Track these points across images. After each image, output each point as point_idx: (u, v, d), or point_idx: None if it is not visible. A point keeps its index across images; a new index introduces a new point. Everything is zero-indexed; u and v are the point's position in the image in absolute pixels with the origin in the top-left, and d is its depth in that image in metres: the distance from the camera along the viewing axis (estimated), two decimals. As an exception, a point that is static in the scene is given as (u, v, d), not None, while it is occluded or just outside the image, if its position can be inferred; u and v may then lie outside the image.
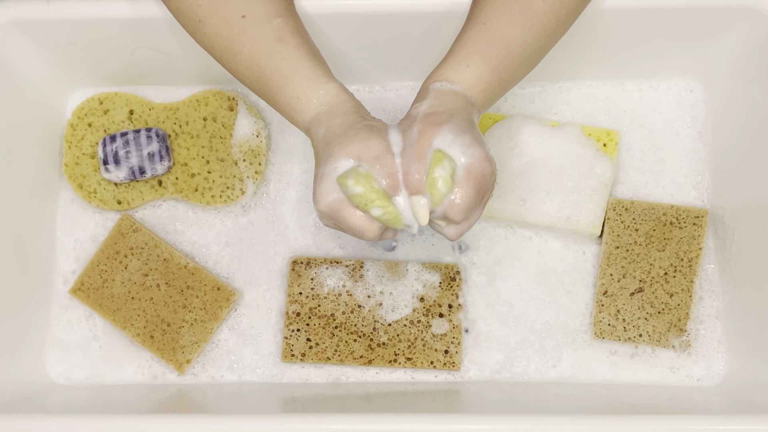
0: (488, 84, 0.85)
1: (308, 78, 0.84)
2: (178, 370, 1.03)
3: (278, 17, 0.86)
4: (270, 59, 0.85)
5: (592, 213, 1.04)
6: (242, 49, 0.86)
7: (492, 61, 0.85)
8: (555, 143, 1.06)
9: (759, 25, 0.98)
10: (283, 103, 0.85)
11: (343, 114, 0.83)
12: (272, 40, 0.85)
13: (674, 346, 1.03)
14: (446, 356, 1.03)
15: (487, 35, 0.86)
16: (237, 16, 0.86)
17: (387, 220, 0.80)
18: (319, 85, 0.84)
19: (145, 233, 1.06)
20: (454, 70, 0.85)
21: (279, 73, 0.85)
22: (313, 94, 0.84)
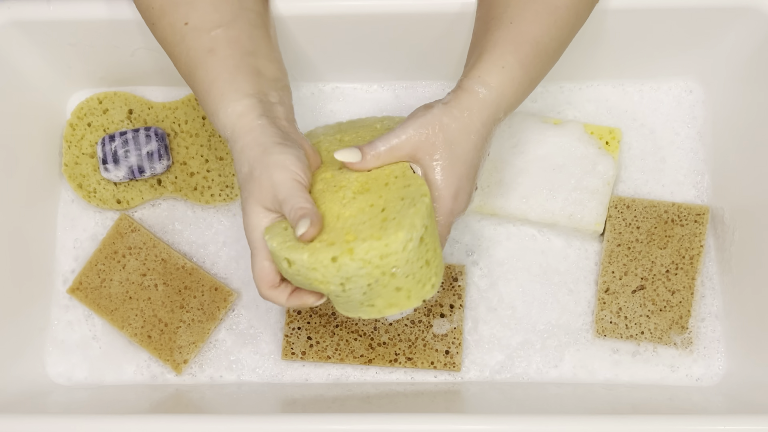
0: (521, 84, 0.86)
1: (221, 94, 0.84)
2: (176, 370, 1.04)
3: (219, 27, 0.86)
4: (197, 70, 0.86)
5: (594, 211, 1.04)
6: (180, 57, 0.87)
7: (524, 60, 0.85)
8: (557, 141, 1.06)
9: (759, 25, 0.98)
10: (208, 114, 0.86)
11: (245, 147, 0.82)
12: (204, 51, 0.85)
13: (676, 344, 1.03)
14: (447, 357, 1.02)
15: (517, 34, 0.86)
16: (181, 22, 0.87)
17: (294, 276, 0.80)
18: (228, 103, 0.84)
19: (143, 233, 1.06)
20: (490, 73, 0.85)
21: (201, 86, 0.85)
22: (222, 113, 0.84)
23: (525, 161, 1.06)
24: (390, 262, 0.77)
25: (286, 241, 0.79)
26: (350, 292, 0.79)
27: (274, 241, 0.79)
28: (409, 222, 0.77)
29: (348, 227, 0.79)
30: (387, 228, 0.77)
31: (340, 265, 0.76)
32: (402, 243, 0.76)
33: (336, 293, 0.80)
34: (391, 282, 0.78)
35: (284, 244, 0.79)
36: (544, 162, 1.05)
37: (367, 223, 0.79)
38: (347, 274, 0.77)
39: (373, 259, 0.76)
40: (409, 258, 0.77)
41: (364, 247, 0.76)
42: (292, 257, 0.78)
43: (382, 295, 0.80)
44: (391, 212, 0.78)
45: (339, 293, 0.79)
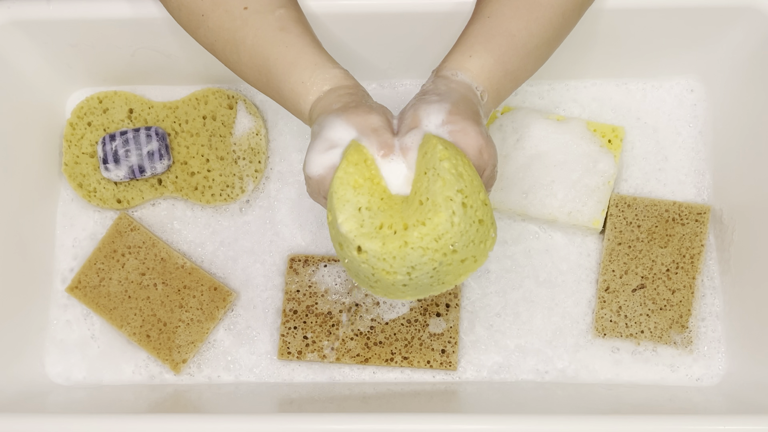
0: (492, 73, 0.85)
1: (314, 63, 0.85)
2: (174, 369, 1.04)
3: (280, 8, 0.87)
4: (274, 47, 0.86)
5: (594, 208, 1.04)
6: (245, 40, 0.87)
7: (495, 51, 0.85)
8: (560, 137, 1.06)
9: (759, 25, 0.98)
10: (288, 90, 0.86)
11: (346, 95, 0.83)
12: (275, 30, 0.86)
13: (676, 343, 1.03)
14: (443, 356, 1.02)
15: (491, 27, 0.86)
16: (239, 7, 0.87)
17: (358, 265, 0.79)
18: (324, 70, 0.84)
19: (142, 232, 1.06)
20: (457, 60, 0.85)
21: (283, 60, 0.85)
22: (319, 78, 0.84)
23: (527, 156, 1.05)
24: (446, 242, 0.76)
25: (361, 226, 0.77)
26: (417, 279, 0.78)
27: (348, 223, 0.78)
28: (442, 199, 0.76)
29: (398, 212, 0.78)
30: (426, 211, 0.76)
31: (404, 254, 0.76)
32: (447, 222, 0.76)
33: (403, 282, 0.79)
34: (455, 257, 0.78)
35: (360, 229, 0.77)
36: (545, 158, 1.05)
37: (407, 206, 0.78)
38: (411, 262, 0.76)
39: (429, 244, 0.76)
40: (461, 230, 0.77)
41: (415, 236, 0.76)
42: (365, 245, 0.77)
43: (450, 272, 0.79)
44: (422, 191, 0.78)
45: (406, 282, 0.79)
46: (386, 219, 0.78)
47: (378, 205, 0.78)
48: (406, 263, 0.77)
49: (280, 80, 0.86)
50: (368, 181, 0.78)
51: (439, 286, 0.81)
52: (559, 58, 0.96)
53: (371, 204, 0.78)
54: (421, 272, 0.78)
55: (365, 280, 0.81)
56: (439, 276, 0.79)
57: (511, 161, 1.05)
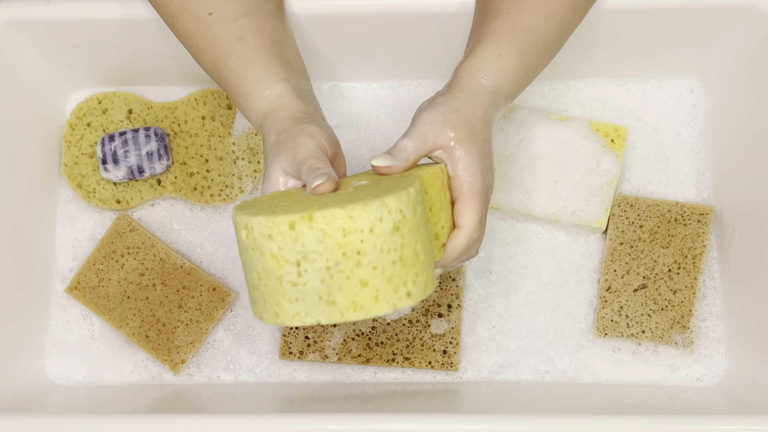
0: (517, 74, 0.86)
1: (257, 78, 0.85)
2: (173, 370, 1.04)
3: (244, 16, 0.87)
4: (228, 58, 0.86)
5: (597, 208, 1.04)
6: (206, 46, 0.87)
7: (520, 49, 0.86)
8: (562, 137, 1.06)
9: (759, 25, 0.98)
10: (237, 103, 0.87)
11: (278, 120, 0.83)
12: (233, 39, 0.86)
13: (677, 343, 1.03)
14: (444, 356, 1.02)
15: (513, 24, 0.86)
16: (204, 12, 0.87)
17: (249, 251, 0.73)
18: (265, 86, 0.84)
19: (141, 233, 1.06)
20: (486, 60, 0.85)
21: (234, 73, 0.86)
22: (259, 95, 0.84)
23: (530, 156, 1.05)
24: (354, 241, 0.68)
25: (251, 208, 0.71)
26: (306, 276, 0.69)
27: (237, 209, 0.72)
28: (380, 201, 0.68)
29: (322, 202, 0.71)
30: (355, 202, 0.69)
31: (297, 234, 0.68)
32: (369, 221, 0.68)
33: (291, 279, 0.69)
34: (356, 271, 0.69)
35: (246, 210, 0.71)
36: (548, 158, 1.05)
37: (340, 197, 0.71)
38: (304, 247, 0.68)
39: (333, 233, 0.68)
40: (377, 244, 0.68)
41: (324, 214, 0.67)
42: (250, 222, 0.69)
43: (344, 289, 0.69)
44: (370, 193, 0.71)
45: (295, 279, 0.69)
46: (294, 203, 0.72)
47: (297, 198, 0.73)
48: (297, 246, 0.68)
49: (231, 91, 0.87)
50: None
51: (327, 307, 0.70)
52: (561, 58, 0.96)
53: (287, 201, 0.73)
54: (312, 267, 0.69)
55: (252, 280, 0.72)
56: (330, 286, 0.69)
57: (514, 161, 1.05)
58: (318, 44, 1.03)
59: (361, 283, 0.69)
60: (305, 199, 0.73)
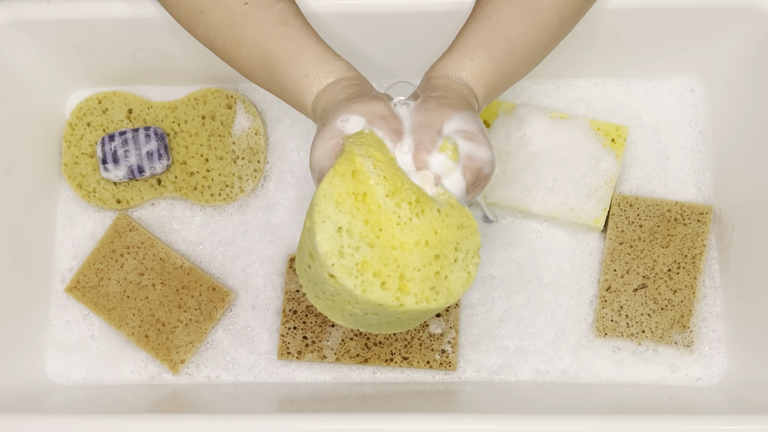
0: (490, 79, 0.85)
1: (316, 56, 0.85)
2: (173, 369, 1.04)
3: (280, 2, 0.87)
4: (276, 41, 0.86)
5: (595, 207, 1.04)
6: (246, 35, 0.87)
7: (495, 55, 0.85)
8: (563, 135, 1.06)
9: (759, 25, 0.98)
10: (291, 83, 0.85)
11: (350, 86, 0.83)
12: (276, 24, 0.86)
13: (677, 343, 1.02)
14: (443, 356, 1.02)
15: (491, 30, 0.86)
16: (239, 3, 0.87)
17: (321, 281, 0.77)
18: (327, 62, 0.84)
19: (141, 232, 1.06)
20: (458, 63, 0.85)
21: (286, 54, 0.85)
22: (322, 71, 0.84)
23: (530, 154, 1.05)
24: (419, 316, 0.78)
25: (341, 254, 0.74)
26: (367, 317, 0.78)
27: (326, 244, 0.74)
28: (455, 294, 0.77)
29: (403, 267, 0.76)
30: (438, 292, 0.76)
31: (382, 307, 0.75)
32: (441, 309, 0.77)
33: (353, 313, 0.78)
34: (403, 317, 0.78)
35: (340, 259, 0.74)
36: (548, 156, 1.05)
37: (421, 272, 0.76)
38: (383, 311, 0.76)
39: (410, 311, 0.75)
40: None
41: (411, 302, 0.75)
42: (342, 279, 0.73)
43: (391, 323, 0.80)
44: (444, 268, 0.77)
45: (357, 316, 0.78)
46: (369, 257, 0.75)
47: (360, 230, 0.75)
48: (376, 310, 0.76)
49: (282, 74, 0.86)
50: (352, 197, 0.75)
51: (369, 327, 0.81)
52: (561, 57, 0.96)
53: (352, 227, 0.74)
54: (379, 316, 0.77)
55: (317, 289, 0.78)
56: (380, 321, 0.79)
57: (514, 158, 1.05)
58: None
59: (398, 321, 0.80)
60: (371, 229, 0.76)
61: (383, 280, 0.74)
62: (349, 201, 0.75)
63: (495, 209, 1.07)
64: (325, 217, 0.74)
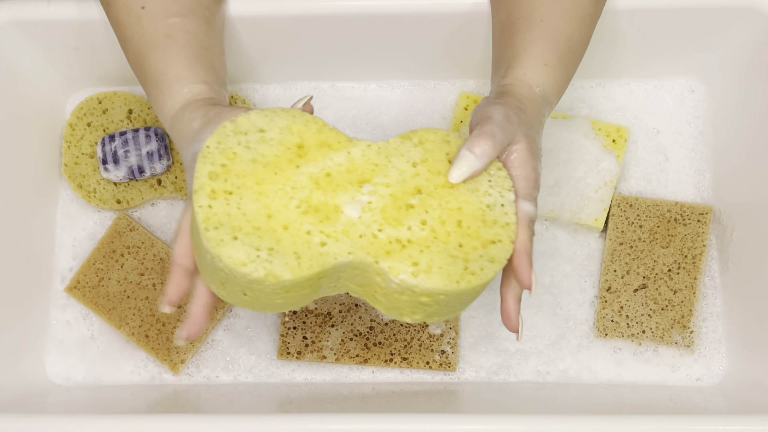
0: (561, 82, 0.86)
1: (177, 75, 0.84)
2: (173, 370, 1.04)
3: (176, 16, 0.87)
4: (153, 51, 0.86)
5: (595, 207, 1.04)
6: (133, 38, 0.87)
7: (561, 57, 0.85)
8: (564, 136, 1.06)
9: (759, 25, 0.98)
10: (153, 96, 0.86)
11: (203, 106, 0.81)
12: (161, 36, 0.86)
13: (677, 343, 1.02)
14: (442, 356, 1.02)
15: (551, 32, 0.86)
16: (138, 5, 0.87)
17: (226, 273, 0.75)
18: (185, 84, 0.84)
19: (141, 232, 1.06)
20: (535, 70, 0.84)
21: (155, 67, 0.85)
22: (177, 91, 0.83)
23: (530, 154, 1.06)
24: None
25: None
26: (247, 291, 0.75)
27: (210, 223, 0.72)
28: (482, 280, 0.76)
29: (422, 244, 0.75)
30: (464, 278, 0.76)
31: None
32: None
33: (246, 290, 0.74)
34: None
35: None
36: (549, 156, 1.05)
37: (443, 253, 0.75)
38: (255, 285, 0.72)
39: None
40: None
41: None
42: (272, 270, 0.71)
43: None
44: (472, 262, 0.76)
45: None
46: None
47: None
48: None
49: (149, 85, 0.86)
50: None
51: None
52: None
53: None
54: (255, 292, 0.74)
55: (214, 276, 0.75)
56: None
57: (514, 159, 1.06)
58: (318, 44, 1.03)
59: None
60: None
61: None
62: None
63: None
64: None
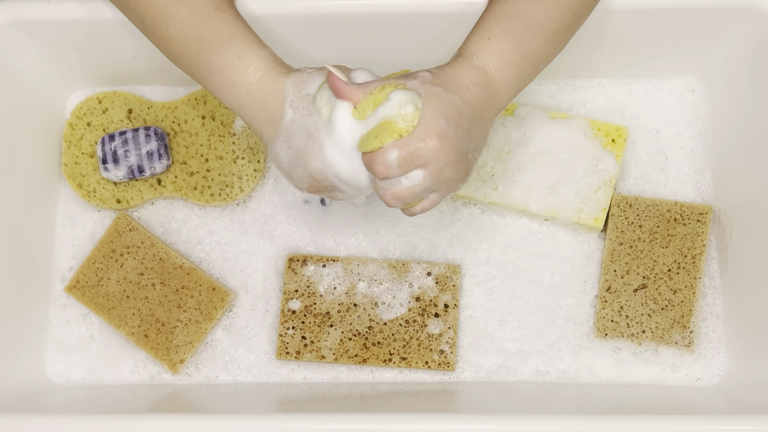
0: (510, 56, 0.85)
1: (249, 40, 0.87)
2: (172, 369, 1.04)
3: None
4: (208, 23, 0.87)
5: (595, 207, 1.04)
6: (177, 15, 0.87)
7: (513, 34, 0.85)
8: (563, 135, 1.06)
9: (759, 25, 0.98)
10: (222, 63, 0.86)
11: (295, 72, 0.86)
12: (210, 8, 0.88)
13: (677, 343, 1.02)
14: (441, 356, 1.02)
15: (508, 9, 0.86)
16: None
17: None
18: (260, 47, 0.87)
19: (141, 232, 1.06)
20: (476, 44, 0.85)
21: (218, 36, 0.87)
22: (255, 54, 0.86)
23: (530, 153, 1.05)
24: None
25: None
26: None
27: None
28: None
29: None
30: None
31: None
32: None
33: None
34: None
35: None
36: (548, 155, 1.05)
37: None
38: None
39: None
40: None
41: None
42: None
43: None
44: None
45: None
46: None
47: None
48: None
49: (213, 53, 0.87)
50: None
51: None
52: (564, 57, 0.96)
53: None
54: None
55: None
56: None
57: (514, 157, 1.05)
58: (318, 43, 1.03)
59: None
60: None
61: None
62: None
63: (494, 209, 1.07)
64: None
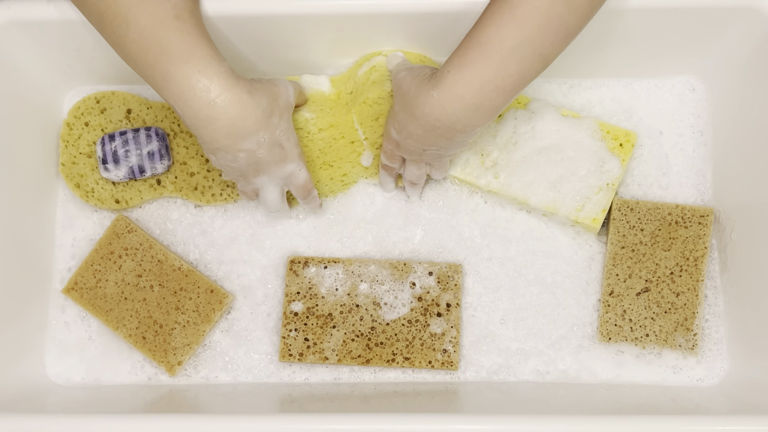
0: (471, 84, 0.87)
1: (210, 54, 0.88)
2: (170, 371, 1.03)
3: None
4: (169, 32, 0.87)
5: (594, 207, 1.04)
6: (138, 19, 0.87)
7: (467, 62, 0.87)
8: (571, 134, 1.06)
9: (759, 25, 0.98)
10: (181, 75, 0.87)
11: (256, 80, 0.92)
12: (171, 17, 0.88)
13: (681, 346, 1.02)
14: (444, 356, 1.02)
15: (467, 39, 0.88)
16: None
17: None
18: (219, 62, 0.88)
19: (139, 234, 1.06)
20: (437, 80, 0.89)
21: (179, 47, 0.87)
22: (216, 70, 0.88)
23: (536, 147, 1.06)
24: None
25: None
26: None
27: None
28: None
29: None
30: None
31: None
32: None
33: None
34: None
35: None
36: (554, 152, 1.05)
37: None
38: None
39: None
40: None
41: None
42: None
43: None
44: None
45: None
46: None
47: None
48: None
49: (171, 63, 0.87)
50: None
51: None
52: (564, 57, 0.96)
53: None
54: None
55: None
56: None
57: (520, 149, 1.06)
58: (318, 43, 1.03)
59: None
60: None
61: None
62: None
63: (494, 198, 1.07)
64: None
